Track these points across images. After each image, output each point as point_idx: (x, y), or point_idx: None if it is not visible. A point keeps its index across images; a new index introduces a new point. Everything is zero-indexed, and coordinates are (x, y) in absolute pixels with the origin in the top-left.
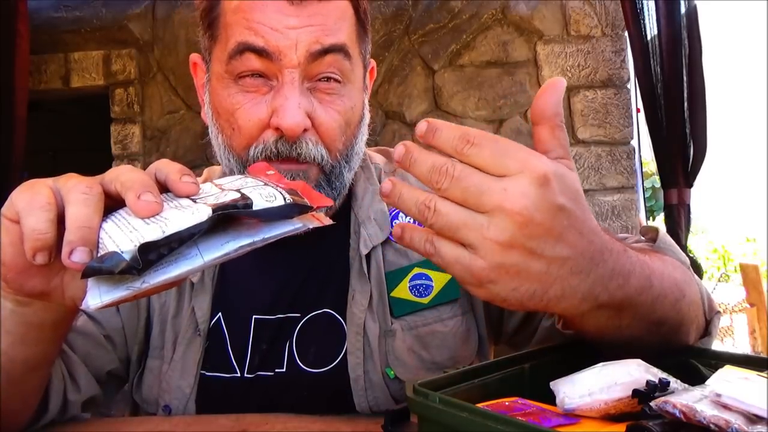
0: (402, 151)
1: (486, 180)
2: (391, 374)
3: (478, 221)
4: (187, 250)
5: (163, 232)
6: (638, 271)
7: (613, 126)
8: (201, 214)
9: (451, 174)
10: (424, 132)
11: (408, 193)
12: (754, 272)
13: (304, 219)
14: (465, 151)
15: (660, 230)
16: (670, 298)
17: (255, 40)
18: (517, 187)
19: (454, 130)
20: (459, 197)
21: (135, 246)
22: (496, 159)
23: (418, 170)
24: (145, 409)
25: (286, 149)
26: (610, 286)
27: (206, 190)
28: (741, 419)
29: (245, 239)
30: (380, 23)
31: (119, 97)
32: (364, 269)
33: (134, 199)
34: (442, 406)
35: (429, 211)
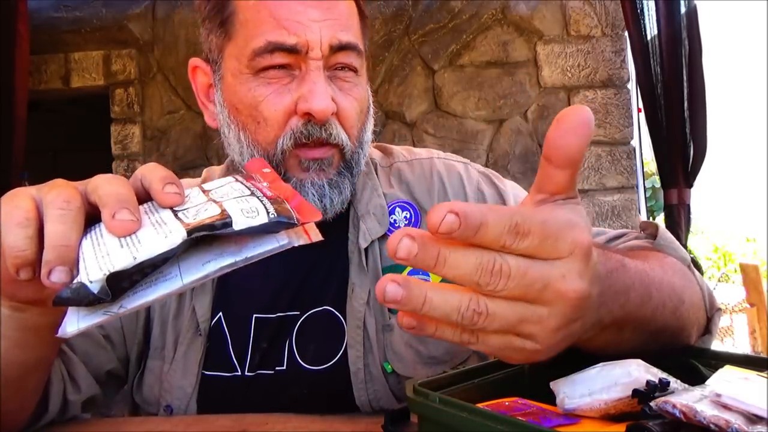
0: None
1: (544, 269)
2: (389, 369)
3: (539, 314)
4: (168, 268)
5: (134, 259)
6: (637, 284)
7: (613, 126)
8: (174, 237)
9: (507, 273)
10: (459, 228)
11: (440, 296)
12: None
13: (291, 234)
14: (515, 245)
15: (660, 226)
16: (670, 306)
17: (287, 38)
18: (573, 271)
19: (501, 221)
20: (518, 294)
21: (104, 275)
22: (548, 245)
23: (455, 273)
24: (145, 409)
25: (316, 131)
26: (613, 307)
27: (191, 198)
28: (741, 419)
29: (227, 259)
30: (380, 23)
31: (119, 97)
32: (363, 263)
33: (109, 218)
34: (442, 406)
35: (480, 317)
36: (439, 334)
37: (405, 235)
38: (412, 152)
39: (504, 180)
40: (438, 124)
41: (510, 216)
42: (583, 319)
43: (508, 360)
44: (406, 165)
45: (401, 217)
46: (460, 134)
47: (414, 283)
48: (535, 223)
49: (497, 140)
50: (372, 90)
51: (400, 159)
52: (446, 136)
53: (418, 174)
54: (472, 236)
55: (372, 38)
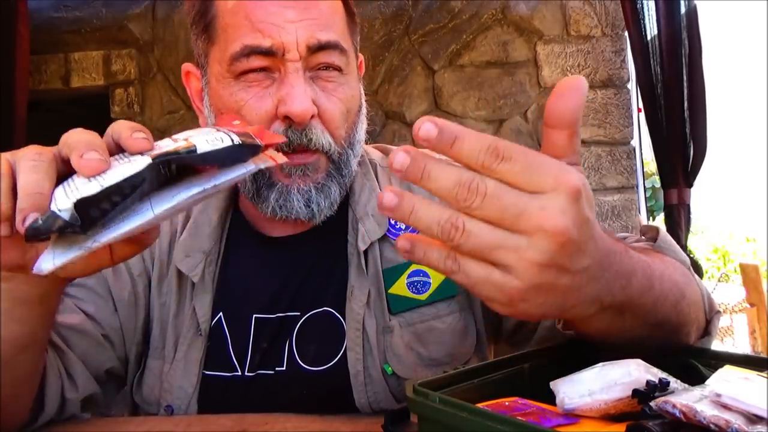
0: (405, 161)
1: (523, 198)
2: (389, 370)
3: (516, 242)
4: (140, 205)
5: (100, 186)
6: (640, 271)
7: (613, 126)
8: (139, 163)
9: (483, 192)
10: (435, 137)
11: (425, 209)
12: (754, 272)
13: (257, 160)
14: (494, 166)
15: (660, 229)
16: (671, 299)
17: (262, 41)
18: (555, 206)
19: (479, 140)
20: (493, 217)
21: (72, 203)
22: (530, 175)
23: (436, 185)
24: (145, 409)
25: (296, 137)
26: (614, 288)
27: (160, 145)
28: (741, 419)
29: (196, 188)
30: (380, 23)
31: (119, 97)
32: (362, 265)
33: (77, 158)
34: (442, 406)
35: (457, 232)
36: (427, 257)
37: (402, 149)
38: None
39: None
40: None
41: (491, 138)
42: (572, 276)
43: (491, 301)
44: None
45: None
46: None
47: (407, 195)
48: (518, 151)
49: None
50: (372, 90)
51: None
52: None
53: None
54: (449, 147)
55: (372, 38)
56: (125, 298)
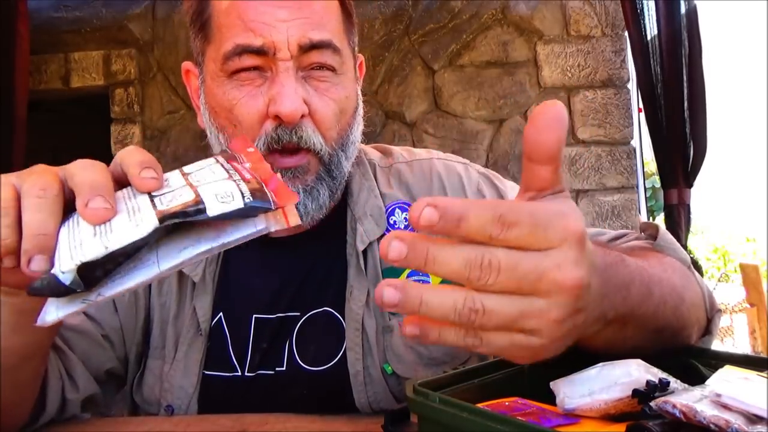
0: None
1: (536, 260)
2: (389, 370)
3: (538, 306)
4: (146, 255)
5: (105, 248)
6: (638, 280)
7: (613, 126)
8: (145, 225)
9: (496, 266)
10: (438, 222)
11: (435, 297)
12: (754, 272)
13: (269, 218)
14: (503, 236)
15: (660, 227)
16: (671, 304)
17: (253, 40)
18: (569, 259)
19: (483, 213)
20: (512, 287)
21: (75, 265)
22: (538, 234)
23: (445, 270)
24: (145, 409)
25: (286, 135)
26: (615, 301)
27: (170, 182)
28: (741, 419)
29: (204, 245)
30: (380, 23)
31: (119, 97)
32: (361, 265)
33: (82, 206)
34: (442, 406)
35: (477, 314)
36: (443, 339)
37: (395, 237)
38: (412, 153)
39: (504, 180)
40: (438, 124)
41: (494, 207)
42: (586, 311)
43: (515, 360)
44: (406, 166)
45: (401, 218)
46: (460, 134)
47: (410, 286)
48: (523, 213)
49: (497, 140)
50: (372, 90)
51: (400, 160)
52: (446, 136)
53: (418, 175)
54: (455, 229)
55: (372, 38)
56: (125, 298)
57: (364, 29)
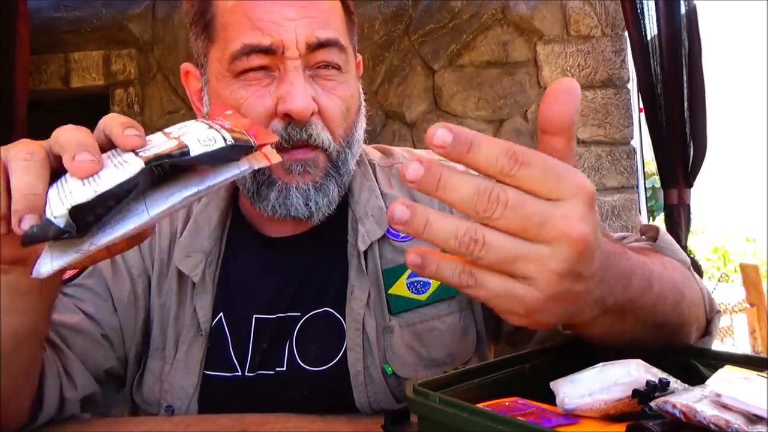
0: (419, 171)
1: (544, 206)
2: (389, 371)
3: (539, 252)
4: (135, 205)
5: (94, 192)
6: (639, 272)
7: (613, 126)
8: (132, 167)
9: (504, 201)
10: (450, 143)
11: (441, 221)
12: (754, 272)
13: (251, 159)
14: (514, 172)
15: (660, 229)
16: (671, 300)
17: (262, 39)
18: (576, 213)
19: (496, 145)
20: (516, 227)
21: (67, 209)
22: (550, 181)
23: (454, 196)
24: (145, 409)
25: (296, 133)
26: (615, 289)
27: (153, 141)
28: (741, 419)
29: (191, 189)
30: (380, 23)
31: (119, 97)
32: (362, 265)
33: (69, 160)
34: (442, 406)
35: (476, 245)
36: (440, 272)
37: (415, 159)
38: (413, 153)
39: None
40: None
41: (508, 144)
42: (585, 281)
43: (508, 313)
44: None
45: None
46: None
47: (419, 207)
48: (536, 156)
49: None
50: (372, 90)
51: (401, 160)
52: None
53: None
54: (465, 153)
55: (372, 38)
56: (125, 298)
57: (364, 29)
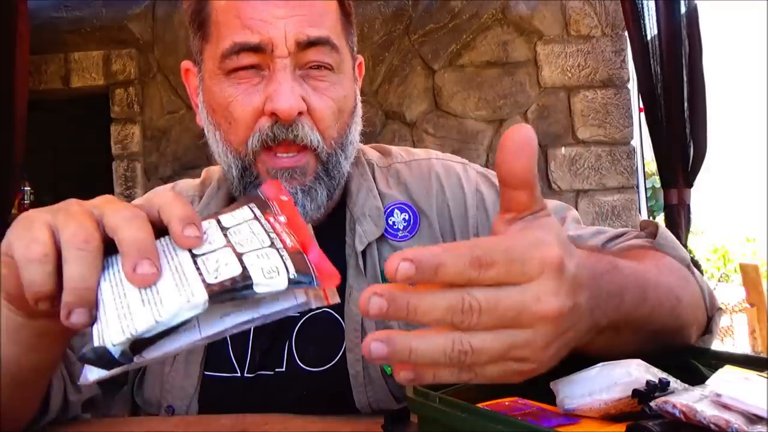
0: (381, 305)
1: (516, 296)
2: (389, 371)
3: (523, 338)
4: None
5: (156, 323)
6: (632, 285)
7: (613, 126)
8: (197, 300)
9: (477, 308)
10: (416, 274)
11: (425, 344)
12: (754, 272)
13: (311, 295)
14: (480, 277)
15: (660, 225)
16: (667, 306)
17: (250, 37)
18: (548, 291)
19: (459, 258)
20: (495, 325)
21: (126, 338)
22: (515, 270)
23: (427, 318)
24: (146, 410)
25: (282, 132)
26: (608, 309)
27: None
28: (741, 419)
29: (245, 315)
30: (380, 23)
31: (119, 97)
32: (360, 266)
33: (130, 270)
34: (442, 406)
35: (467, 354)
36: (438, 378)
37: (372, 293)
38: (411, 153)
39: None
40: (438, 124)
41: (470, 250)
42: (574, 328)
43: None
44: (405, 166)
45: (400, 219)
46: (460, 134)
47: (396, 337)
48: (498, 251)
49: (497, 140)
50: (372, 90)
51: (399, 160)
52: (446, 136)
53: (417, 175)
54: (433, 278)
55: (372, 38)
56: None
57: (364, 29)
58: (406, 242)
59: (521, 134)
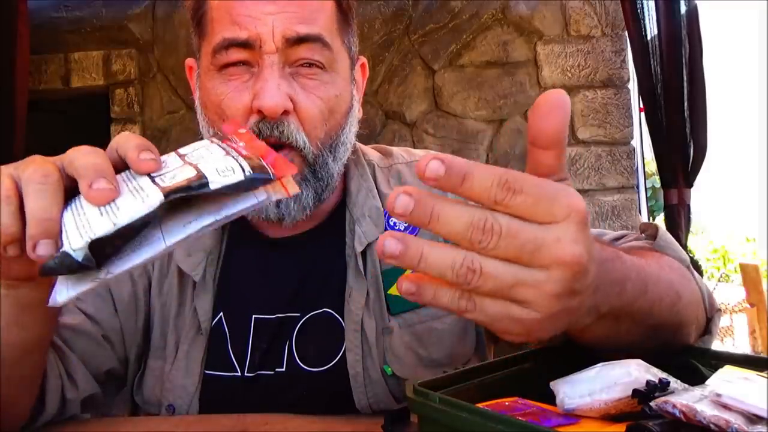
0: (408, 204)
1: (537, 232)
2: (389, 371)
3: (534, 277)
4: (151, 232)
5: (113, 225)
6: (634, 276)
7: (613, 126)
8: (151, 200)
9: (498, 230)
10: (444, 175)
11: (436, 253)
12: (754, 272)
13: (270, 189)
14: (508, 200)
15: (660, 227)
16: (667, 302)
17: (239, 33)
18: (569, 235)
19: (489, 175)
20: (510, 255)
21: (86, 242)
22: (543, 206)
23: (447, 228)
24: (146, 409)
25: (267, 129)
26: (610, 295)
27: (168, 164)
28: (741, 419)
29: (207, 218)
30: (380, 23)
31: (119, 97)
32: (360, 267)
33: (86, 188)
34: (442, 406)
35: (474, 275)
36: (437, 299)
37: (403, 191)
38: (412, 153)
39: None
40: (438, 124)
41: (501, 172)
42: (581, 295)
43: (507, 334)
44: (406, 167)
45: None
46: (460, 134)
47: (411, 239)
48: (529, 182)
49: (497, 140)
50: (372, 90)
51: (400, 161)
52: (446, 136)
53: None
54: (459, 186)
55: (372, 38)
56: (125, 298)
57: (364, 29)
58: None
59: (555, 96)
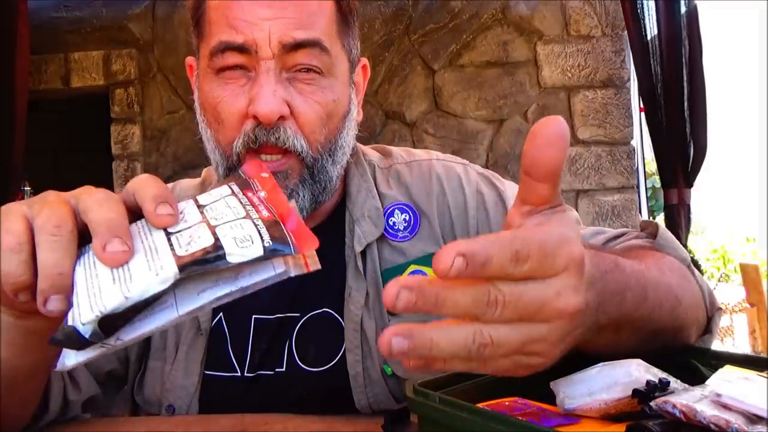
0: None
1: (539, 291)
2: (389, 371)
3: (540, 332)
4: (164, 297)
5: (125, 299)
6: (633, 284)
7: (613, 126)
8: (166, 273)
9: (501, 301)
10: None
11: (445, 337)
12: (754, 272)
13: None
14: (515, 271)
15: (660, 225)
16: (667, 307)
17: (235, 37)
18: (569, 287)
19: (503, 253)
20: (515, 318)
21: (96, 317)
22: (546, 264)
23: (453, 310)
24: (146, 409)
25: (263, 135)
26: (609, 308)
27: (185, 215)
28: (741, 419)
29: (223, 289)
30: (380, 23)
31: (119, 97)
32: (359, 267)
33: (100, 249)
34: (442, 406)
35: (487, 348)
36: (449, 367)
37: (402, 287)
38: (411, 154)
39: (504, 180)
40: (438, 124)
41: (510, 243)
42: (583, 326)
43: (516, 375)
44: (405, 167)
45: (400, 220)
46: (460, 134)
47: (416, 330)
48: (534, 245)
49: (497, 140)
50: (372, 90)
51: (400, 161)
52: (446, 136)
53: (417, 176)
54: (480, 272)
55: (372, 38)
56: None
57: (364, 29)
58: (406, 243)
59: (554, 128)
